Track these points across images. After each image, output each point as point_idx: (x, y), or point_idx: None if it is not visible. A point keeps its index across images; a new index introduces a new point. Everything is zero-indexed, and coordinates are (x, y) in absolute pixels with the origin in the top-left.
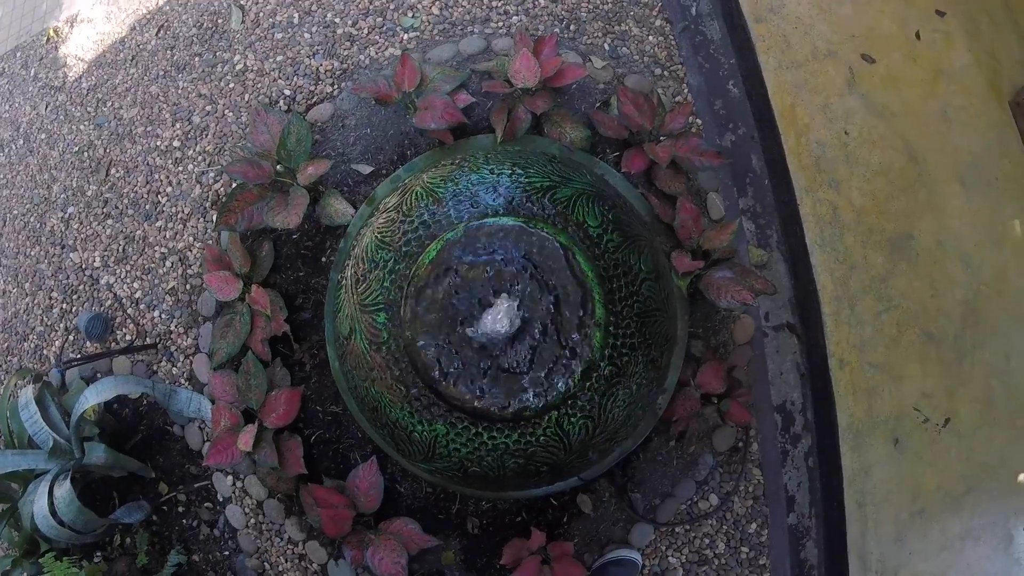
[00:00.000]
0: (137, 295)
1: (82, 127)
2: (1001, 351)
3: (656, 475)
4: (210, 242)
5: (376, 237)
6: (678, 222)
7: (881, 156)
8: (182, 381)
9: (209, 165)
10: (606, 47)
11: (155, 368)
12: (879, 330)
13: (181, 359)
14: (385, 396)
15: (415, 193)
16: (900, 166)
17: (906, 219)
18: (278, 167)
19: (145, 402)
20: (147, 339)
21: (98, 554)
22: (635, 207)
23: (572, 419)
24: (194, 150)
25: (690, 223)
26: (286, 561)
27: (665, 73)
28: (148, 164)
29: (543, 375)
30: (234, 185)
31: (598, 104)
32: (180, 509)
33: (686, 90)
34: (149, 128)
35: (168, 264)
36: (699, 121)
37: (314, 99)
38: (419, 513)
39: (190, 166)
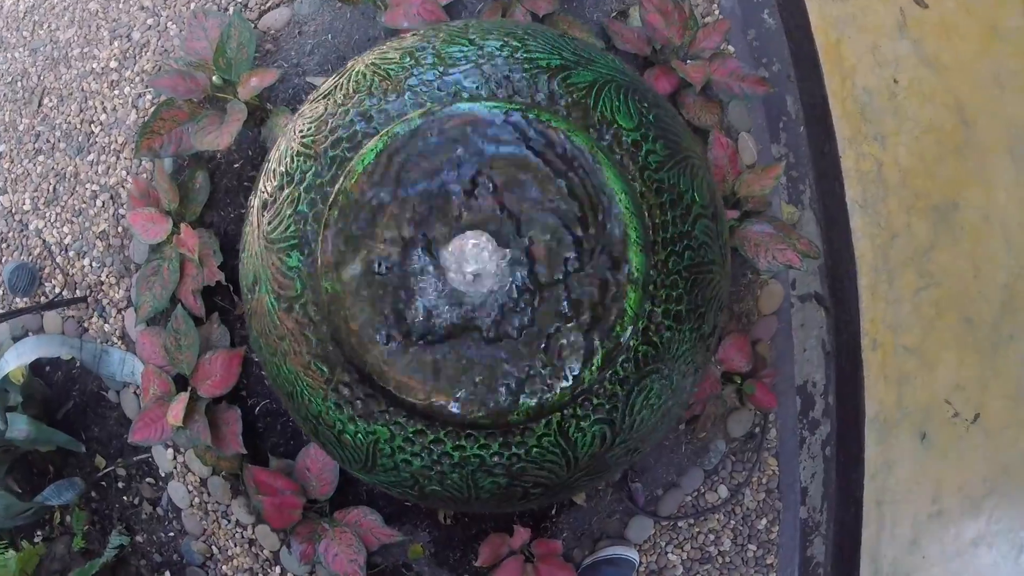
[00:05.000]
0: (66, 241)
1: (17, 54)
2: None
3: (661, 462)
4: (142, 175)
5: (296, 142)
6: (710, 160)
7: (932, 112)
8: (114, 339)
9: (147, 87)
10: None
11: (86, 325)
12: (917, 309)
13: (113, 314)
14: (302, 379)
15: (356, 73)
16: (951, 126)
17: (953, 186)
18: (214, 79)
19: (77, 364)
20: (76, 291)
21: (38, 533)
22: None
23: (582, 424)
24: (132, 70)
25: (725, 162)
26: (235, 546)
27: None
28: (83, 90)
29: (541, 357)
30: (162, 99)
31: (614, 13)
32: (120, 485)
33: (717, 11)
34: (86, 49)
35: (99, 203)
36: (731, 48)
37: (268, 4)
38: (382, 499)
39: (127, 88)
